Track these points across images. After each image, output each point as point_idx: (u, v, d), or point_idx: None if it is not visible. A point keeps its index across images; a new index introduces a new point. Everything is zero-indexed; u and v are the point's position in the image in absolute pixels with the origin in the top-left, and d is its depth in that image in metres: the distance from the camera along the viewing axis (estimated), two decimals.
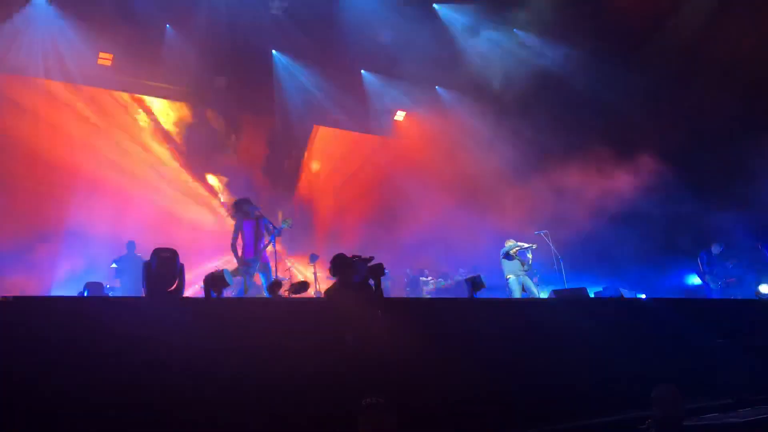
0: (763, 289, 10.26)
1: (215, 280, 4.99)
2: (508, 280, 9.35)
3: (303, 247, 12.77)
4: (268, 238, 7.14)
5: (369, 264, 5.13)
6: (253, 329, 3.89)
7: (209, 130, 13.23)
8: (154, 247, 4.89)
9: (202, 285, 5.01)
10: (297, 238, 13.08)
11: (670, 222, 11.80)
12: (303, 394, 3.72)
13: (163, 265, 4.73)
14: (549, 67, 13.12)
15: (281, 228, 7.30)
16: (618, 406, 4.72)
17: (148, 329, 3.52)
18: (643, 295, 10.77)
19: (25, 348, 3.17)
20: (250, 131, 14.05)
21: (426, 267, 13.73)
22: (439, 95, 15.10)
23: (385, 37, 13.26)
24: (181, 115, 12.96)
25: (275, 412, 3.60)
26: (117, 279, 9.75)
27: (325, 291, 5.24)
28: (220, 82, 12.98)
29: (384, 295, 5.61)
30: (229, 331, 3.81)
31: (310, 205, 14.96)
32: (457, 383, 4.29)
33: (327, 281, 9.31)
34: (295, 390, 3.71)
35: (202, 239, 11.83)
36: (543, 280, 11.33)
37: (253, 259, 7.01)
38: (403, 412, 3.17)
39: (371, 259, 5.20)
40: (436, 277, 13.51)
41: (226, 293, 5.23)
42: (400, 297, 11.96)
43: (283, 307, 4.87)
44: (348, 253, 5.17)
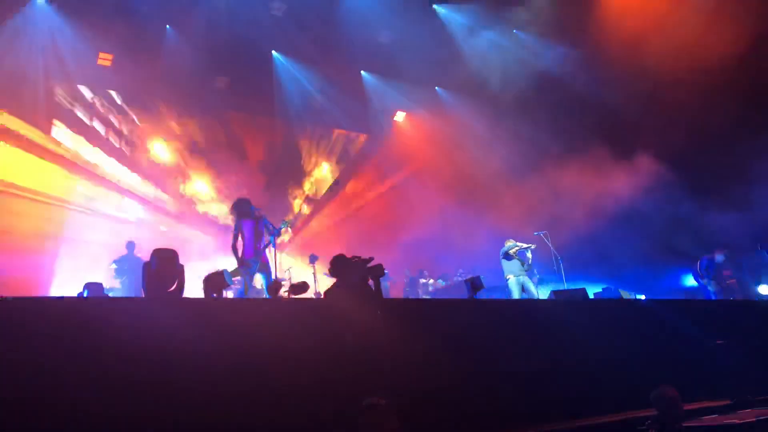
0: (763, 290, 10.28)
1: (215, 280, 5.00)
2: (507, 280, 9.34)
3: (303, 248, 12.78)
4: (267, 238, 7.14)
5: (368, 264, 5.13)
6: (253, 330, 3.89)
7: (209, 130, 13.22)
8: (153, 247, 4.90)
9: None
10: (297, 238, 13.07)
11: (669, 223, 11.78)
12: (303, 395, 3.72)
13: (163, 266, 4.74)
14: (548, 68, 13.12)
15: (280, 228, 7.31)
16: (618, 406, 4.72)
17: (147, 330, 3.52)
18: (643, 296, 10.78)
19: (24, 348, 3.17)
20: (250, 132, 14.04)
21: (425, 267, 13.72)
22: (439, 96, 15.11)
23: (384, 38, 13.28)
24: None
25: (275, 413, 3.60)
26: (117, 279, 9.73)
27: (325, 291, 5.24)
28: (220, 83, 12.98)
29: (383, 295, 5.61)
30: (229, 331, 3.81)
31: (310, 205, 14.95)
32: (456, 383, 4.29)
33: (327, 281, 9.30)
34: (295, 390, 3.71)
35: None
36: (542, 281, 11.32)
37: (253, 259, 7.01)
38: (403, 412, 3.17)
39: (371, 259, 5.20)
40: (435, 277, 13.50)
41: (225, 293, 5.24)
42: (400, 298, 11.97)
43: (283, 307, 4.87)
44: (347, 254, 5.17)
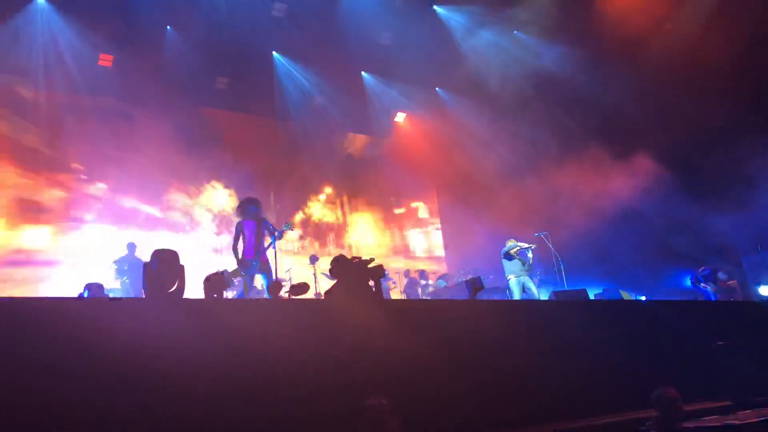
0: (763, 291, 10.28)
1: (215, 281, 5.00)
2: (508, 281, 9.34)
3: (303, 248, 12.77)
4: (269, 240, 7.14)
5: (369, 265, 5.14)
6: (253, 330, 3.88)
7: (210, 131, 13.21)
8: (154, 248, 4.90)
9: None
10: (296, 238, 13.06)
11: (669, 224, 11.78)
12: (303, 395, 3.72)
13: (164, 267, 4.73)
14: (548, 68, 13.13)
15: (282, 231, 7.29)
16: (618, 407, 4.73)
17: (148, 330, 3.52)
18: (643, 297, 10.79)
19: (24, 349, 3.16)
20: (251, 132, 14.02)
21: (425, 268, 13.71)
22: (439, 96, 15.11)
23: (384, 39, 13.29)
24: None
25: (276, 413, 3.60)
26: (117, 280, 9.74)
27: (326, 292, 5.24)
28: (221, 83, 12.98)
29: (383, 296, 5.61)
30: (230, 332, 3.80)
31: (310, 205, 14.93)
32: (457, 384, 4.29)
33: (327, 282, 9.31)
34: (295, 391, 3.71)
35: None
36: (543, 282, 11.32)
37: (254, 259, 7.00)
38: (403, 412, 3.17)
39: (372, 260, 5.21)
40: (435, 278, 13.50)
41: (226, 294, 5.23)
42: (400, 298, 11.97)
43: (283, 308, 4.87)
44: (348, 254, 5.18)
